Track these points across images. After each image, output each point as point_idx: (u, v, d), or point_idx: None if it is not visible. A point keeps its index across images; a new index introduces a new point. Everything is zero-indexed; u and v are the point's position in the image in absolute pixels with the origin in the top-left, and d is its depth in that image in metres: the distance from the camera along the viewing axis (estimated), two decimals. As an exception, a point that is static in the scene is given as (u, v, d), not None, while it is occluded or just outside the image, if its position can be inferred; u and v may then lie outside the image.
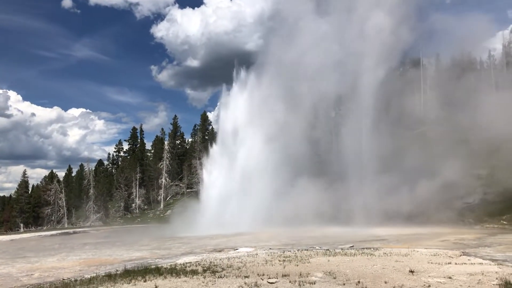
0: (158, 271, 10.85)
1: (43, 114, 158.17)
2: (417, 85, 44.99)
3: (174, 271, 10.78)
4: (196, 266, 11.85)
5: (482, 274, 9.36)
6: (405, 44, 31.95)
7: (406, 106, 31.80)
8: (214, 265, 11.79)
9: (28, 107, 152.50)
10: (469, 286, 8.32)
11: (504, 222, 23.31)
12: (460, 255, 12.64)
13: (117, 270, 11.66)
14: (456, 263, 10.93)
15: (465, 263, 10.97)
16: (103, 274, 11.11)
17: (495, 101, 27.87)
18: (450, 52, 48.41)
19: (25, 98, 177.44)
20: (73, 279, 10.77)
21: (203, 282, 9.27)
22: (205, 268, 11.33)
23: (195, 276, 10.05)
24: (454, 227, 23.51)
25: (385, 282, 8.79)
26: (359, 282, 8.87)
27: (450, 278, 9.07)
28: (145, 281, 9.71)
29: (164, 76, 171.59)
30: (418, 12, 33.41)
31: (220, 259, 13.28)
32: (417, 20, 32.57)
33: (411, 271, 9.82)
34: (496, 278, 8.80)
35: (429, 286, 8.40)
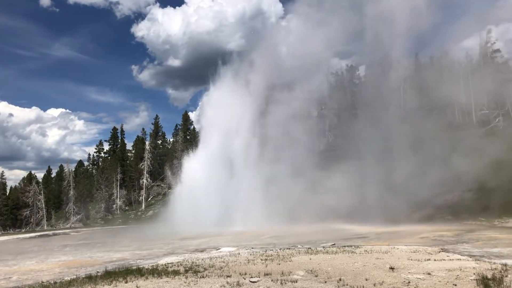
0: (139, 272, 10.78)
1: (22, 114, 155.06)
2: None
3: (156, 272, 10.72)
4: (178, 266, 11.80)
5: (460, 269, 9.54)
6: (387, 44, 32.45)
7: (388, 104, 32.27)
8: (196, 265, 11.76)
9: (5, 108, 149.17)
10: (447, 282, 8.48)
11: (482, 219, 23.77)
12: (439, 252, 12.85)
13: (97, 272, 11.53)
14: (435, 260, 11.12)
15: (444, 259, 11.16)
16: (84, 276, 10.97)
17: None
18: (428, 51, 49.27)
19: (2, 98, 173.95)
20: (52, 282, 10.61)
21: (185, 282, 9.24)
22: (187, 268, 11.29)
23: (177, 277, 10.01)
24: (434, 224, 23.87)
25: (366, 279, 8.89)
26: (340, 279, 8.96)
27: (429, 274, 9.22)
28: (126, 282, 9.64)
29: (145, 75, 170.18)
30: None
31: (202, 259, 13.25)
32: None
33: (391, 268, 9.95)
34: (474, 274, 8.99)
35: (409, 282, 8.53)
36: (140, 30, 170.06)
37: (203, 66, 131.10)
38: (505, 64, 46.54)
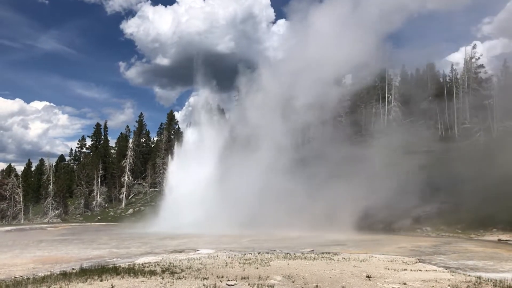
0: (115, 271, 10.65)
1: (4, 105, 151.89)
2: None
3: (132, 271, 10.61)
4: (155, 266, 11.71)
5: (436, 281, 9.64)
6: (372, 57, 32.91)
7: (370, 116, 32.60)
8: (173, 266, 11.67)
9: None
10: (422, 292, 8.56)
11: (459, 231, 24.09)
12: (416, 262, 12.98)
13: (73, 269, 11.38)
14: (411, 270, 11.22)
15: (420, 270, 11.27)
16: (58, 273, 10.80)
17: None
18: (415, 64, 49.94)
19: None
20: (25, 277, 10.41)
21: (161, 283, 9.16)
22: (164, 268, 11.20)
23: (153, 277, 9.92)
24: (412, 234, 24.14)
25: (342, 287, 8.93)
26: (317, 286, 8.98)
27: (405, 284, 9.29)
28: (101, 280, 9.51)
29: (132, 73, 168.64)
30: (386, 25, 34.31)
31: (180, 260, 13.15)
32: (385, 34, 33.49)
33: (368, 277, 10.01)
34: (449, 285, 9.08)
35: (385, 291, 8.59)
36: (130, 27, 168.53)
37: (191, 66, 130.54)
38: (488, 79, 47.40)
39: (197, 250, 17.20)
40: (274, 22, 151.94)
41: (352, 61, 31.89)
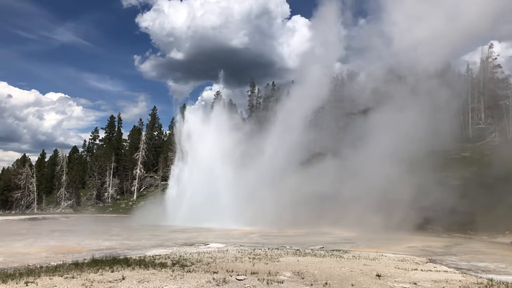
0: (126, 262, 10.75)
1: (20, 96, 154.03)
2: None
3: (143, 263, 10.71)
4: (165, 259, 11.79)
5: (446, 281, 9.57)
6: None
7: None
8: (183, 259, 11.75)
9: (5, 88, 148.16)
10: (432, 293, 8.51)
11: (471, 232, 23.88)
12: (427, 262, 12.89)
13: (84, 259, 11.51)
14: (422, 270, 11.15)
15: (430, 270, 11.19)
16: (70, 262, 10.96)
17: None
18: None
19: (2, 79, 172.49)
20: (38, 266, 10.57)
21: (171, 276, 9.23)
22: (175, 261, 11.28)
23: (163, 269, 10.00)
24: (423, 234, 23.95)
25: (352, 285, 8.90)
26: (326, 283, 8.96)
27: (415, 284, 9.24)
28: (112, 271, 9.61)
29: (147, 66, 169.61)
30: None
31: (190, 253, 13.23)
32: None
33: (378, 275, 9.98)
34: (459, 287, 9.01)
35: (394, 290, 8.55)
36: (145, 20, 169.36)
37: (205, 61, 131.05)
38: (505, 80, 46.74)
39: (207, 244, 17.28)
40: (289, 18, 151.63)
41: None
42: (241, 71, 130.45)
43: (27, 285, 8.19)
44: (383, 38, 34.48)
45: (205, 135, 36.18)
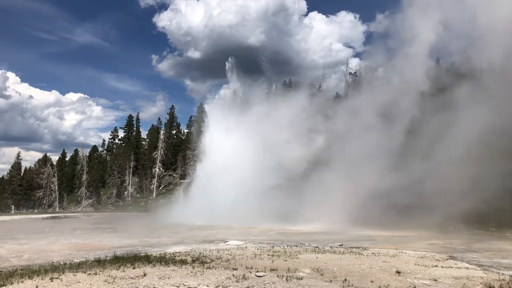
0: (147, 259, 10.92)
1: (41, 97, 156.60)
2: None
3: (164, 260, 10.86)
4: (185, 256, 11.93)
5: (467, 278, 9.48)
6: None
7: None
8: (203, 256, 11.88)
9: (26, 89, 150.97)
10: (453, 289, 8.45)
11: (493, 229, 23.51)
12: (447, 259, 12.78)
13: (106, 256, 11.72)
14: (442, 266, 11.06)
15: (451, 267, 11.10)
16: (92, 259, 11.17)
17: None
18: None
19: (23, 80, 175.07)
20: (62, 263, 10.82)
21: (192, 272, 9.35)
22: (194, 258, 11.41)
23: (184, 266, 10.13)
24: (444, 231, 23.62)
25: (372, 281, 8.89)
26: (345, 279, 8.97)
27: (435, 280, 9.19)
28: (134, 268, 9.78)
29: (164, 65, 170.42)
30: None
31: (209, 251, 13.36)
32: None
33: (398, 272, 9.94)
34: (481, 283, 8.93)
35: (415, 287, 8.52)
36: (162, 20, 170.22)
37: (222, 59, 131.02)
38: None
39: (226, 241, 17.40)
40: (306, 15, 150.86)
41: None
42: (258, 69, 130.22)
43: (52, 281, 8.39)
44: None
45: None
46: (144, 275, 9.01)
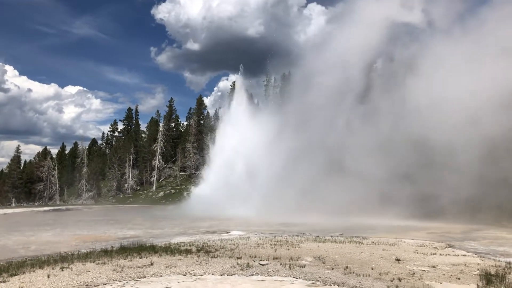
0: (153, 249, 11.20)
1: (40, 90, 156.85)
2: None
3: (169, 250, 11.14)
4: (190, 246, 12.20)
5: (465, 265, 9.79)
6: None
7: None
8: (207, 246, 12.15)
9: (25, 82, 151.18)
10: (451, 275, 8.74)
11: (490, 218, 23.78)
12: (445, 247, 13.08)
13: (112, 247, 11.97)
14: (440, 254, 11.36)
15: (449, 254, 11.41)
16: (99, 250, 11.43)
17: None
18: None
19: (22, 73, 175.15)
20: (70, 253, 11.07)
21: (197, 261, 9.63)
22: (199, 248, 11.68)
23: (189, 255, 10.41)
24: (442, 220, 23.94)
25: (372, 268, 9.19)
26: (347, 267, 9.26)
27: (434, 267, 9.49)
28: (141, 257, 10.06)
29: (163, 58, 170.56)
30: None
31: (213, 241, 13.63)
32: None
33: (397, 259, 10.23)
34: (478, 269, 9.23)
35: (414, 273, 8.81)
36: (161, 12, 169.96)
37: (221, 51, 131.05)
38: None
39: (229, 232, 17.68)
40: (304, 6, 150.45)
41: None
42: (257, 61, 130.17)
43: (62, 270, 8.66)
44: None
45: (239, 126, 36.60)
46: (151, 264, 9.30)
